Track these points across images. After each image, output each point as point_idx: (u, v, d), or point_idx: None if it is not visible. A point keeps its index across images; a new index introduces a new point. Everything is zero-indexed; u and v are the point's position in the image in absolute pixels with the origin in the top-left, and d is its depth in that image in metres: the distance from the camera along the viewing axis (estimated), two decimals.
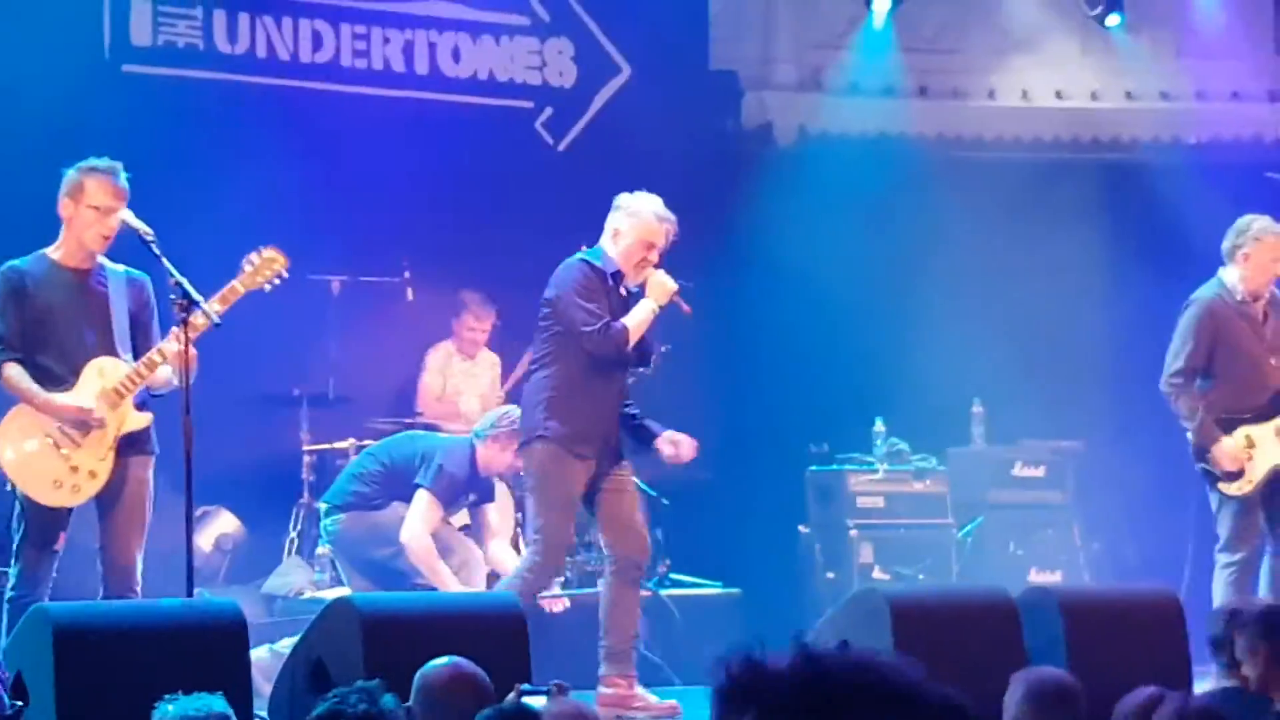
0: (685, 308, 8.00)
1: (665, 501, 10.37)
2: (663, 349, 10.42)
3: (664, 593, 9.74)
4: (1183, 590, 8.55)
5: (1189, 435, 8.76)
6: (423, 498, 9.10)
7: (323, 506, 9.34)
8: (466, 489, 9.30)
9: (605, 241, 8.02)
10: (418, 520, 9.07)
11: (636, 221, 7.94)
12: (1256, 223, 8.76)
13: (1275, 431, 8.69)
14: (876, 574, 10.53)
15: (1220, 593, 8.61)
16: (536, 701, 4.55)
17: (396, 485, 9.19)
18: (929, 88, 12.72)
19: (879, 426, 11.02)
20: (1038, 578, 10.76)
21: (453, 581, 8.98)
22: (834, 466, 11.00)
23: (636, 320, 7.87)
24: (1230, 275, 8.79)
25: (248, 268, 7.35)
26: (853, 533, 10.69)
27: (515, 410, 9.17)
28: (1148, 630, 7.12)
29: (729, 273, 11.40)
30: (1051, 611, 7.06)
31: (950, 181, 12.08)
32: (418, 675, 4.83)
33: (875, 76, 12.37)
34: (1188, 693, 5.27)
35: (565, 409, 7.80)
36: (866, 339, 11.33)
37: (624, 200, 8.04)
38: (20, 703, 5.68)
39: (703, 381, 11.32)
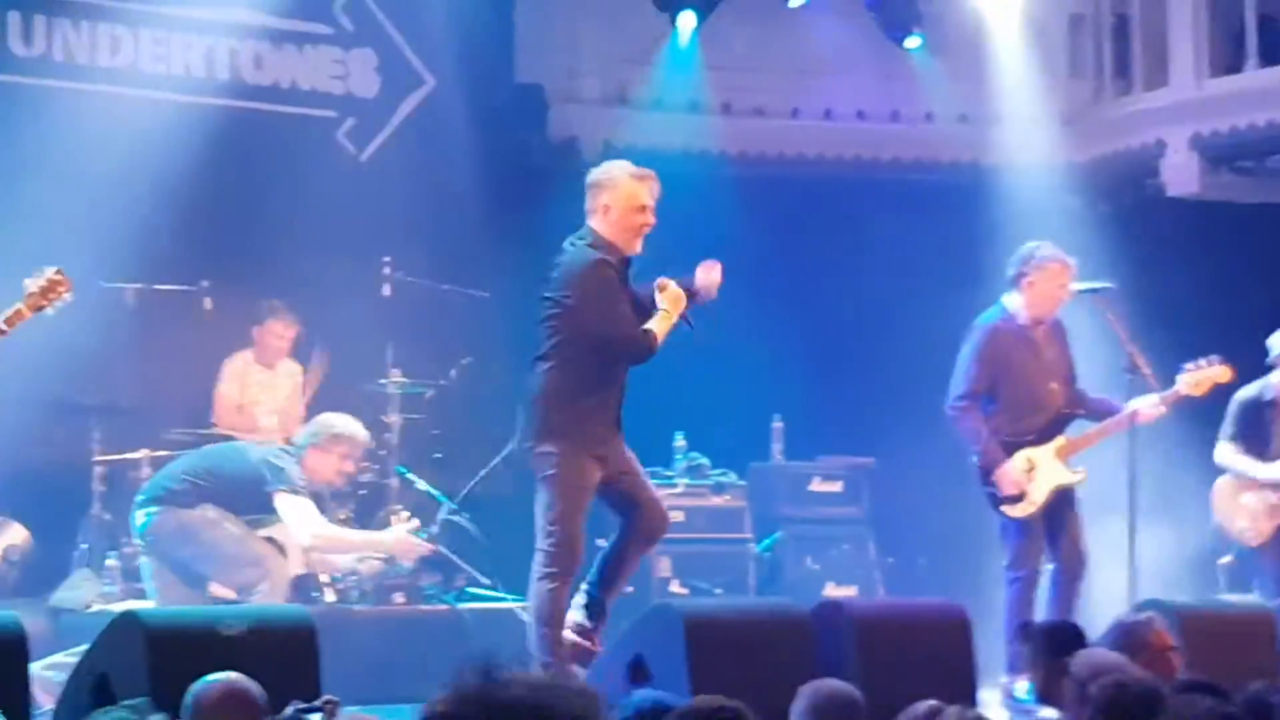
0: (688, 322, 8.06)
1: (465, 515, 10.34)
2: (464, 361, 10.45)
3: (461, 606, 9.70)
4: (971, 605, 8.67)
5: (973, 458, 8.90)
6: (287, 498, 8.84)
7: (139, 499, 9.09)
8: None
9: (595, 222, 7.78)
10: (300, 517, 8.84)
11: (617, 190, 7.73)
12: (1040, 250, 8.91)
13: (1055, 453, 8.86)
14: (675, 588, 10.58)
15: (1007, 608, 8.78)
16: (312, 719, 4.51)
17: (218, 492, 8.94)
18: (733, 105, 12.83)
19: (679, 441, 11.08)
20: (834, 592, 10.88)
21: (360, 536, 8.82)
22: None
23: (661, 327, 7.82)
24: (1014, 301, 8.93)
25: (33, 289, 7.17)
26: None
27: (333, 417, 9.08)
28: (936, 644, 7.21)
29: (532, 284, 11.37)
30: (844, 625, 7.13)
31: (753, 198, 12.19)
32: (189, 693, 4.76)
33: (680, 93, 12.45)
34: (968, 705, 5.35)
35: (580, 410, 7.67)
36: (667, 353, 11.33)
37: (595, 175, 7.85)
38: None
39: (504, 395, 11.28)
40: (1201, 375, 8.97)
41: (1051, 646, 5.96)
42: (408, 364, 10.42)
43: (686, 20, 12.07)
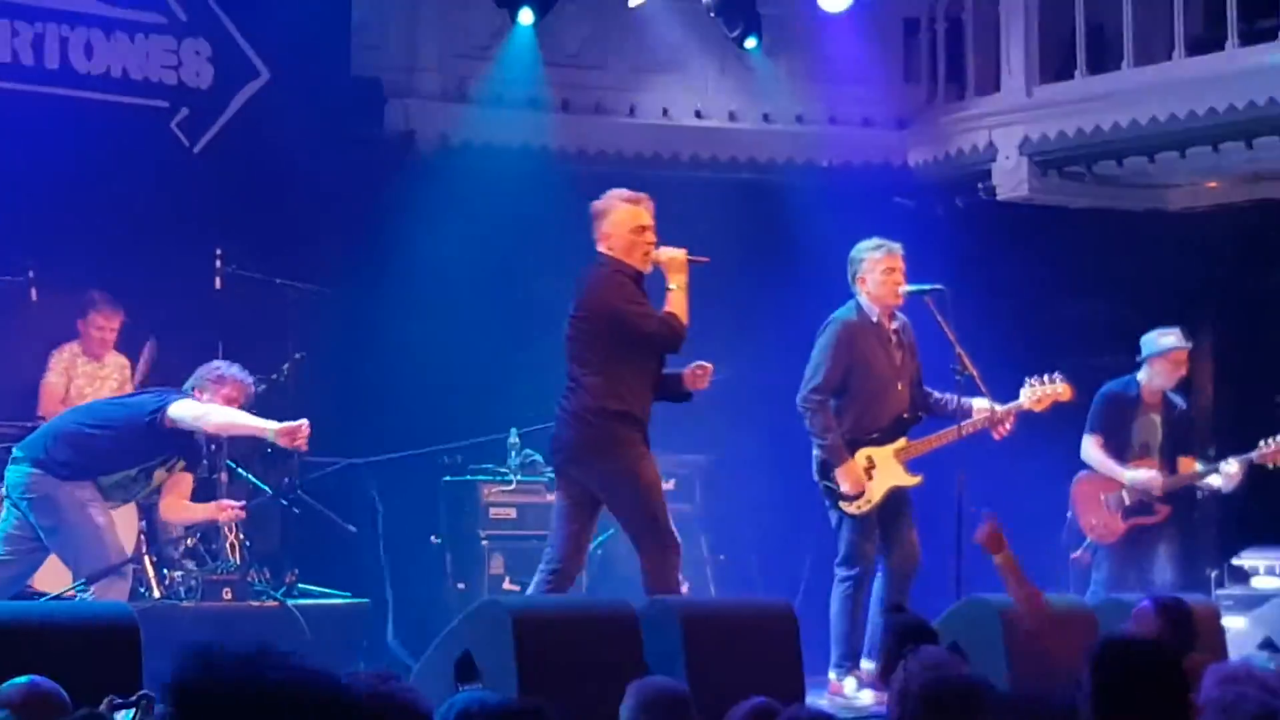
0: (702, 259, 8.31)
1: (295, 510, 10.26)
2: (297, 356, 10.37)
3: (292, 603, 9.62)
4: (798, 602, 8.76)
5: (816, 452, 8.98)
6: (180, 404, 8.55)
7: (17, 453, 8.77)
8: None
9: (603, 248, 8.19)
10: (199, 410, 8.56)
11: (613, 216, 8.15)
12: (861, 246, 9.09)
13: (894, 454, 8.98)
14: (507, 585, 10.56)
15: (836, 606, 8.87)
16: (125, 714, 4.47)
17: (102, 454, 8.65)
18: (571, 102, 12.82)
19: (514, 438, 11.07)
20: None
21: (253, 421, 8.68)
22: (467, 477, 11.01)
23: (678, 305, 8.11)
24: (860, 299, 9.08)
25: None
26: (484, 543, 10.72)
27: (220, 362, 8.93)
28: (763, 641, 7.27)
29: (367, 280, 11.35)
30: (672, 623, 7.16)
31: (591, 196, 12.14)
32: None
33: (518, 89, 12.42)
34: (795, 702, 5.41)
35: (629, 410, 8.08)
36: (503, 350, 11.37)
37: (594, 207, 8.29)
38: None
39: (337, 389, 11.23)
40: (1043, 392, 9.14)
41: (902, 637, 6.04)
42: (239, 358, 10.28)
43: (525, 16, 12.05)
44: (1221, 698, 4.37)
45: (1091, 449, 10.26)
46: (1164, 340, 10.25)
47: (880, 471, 8.94)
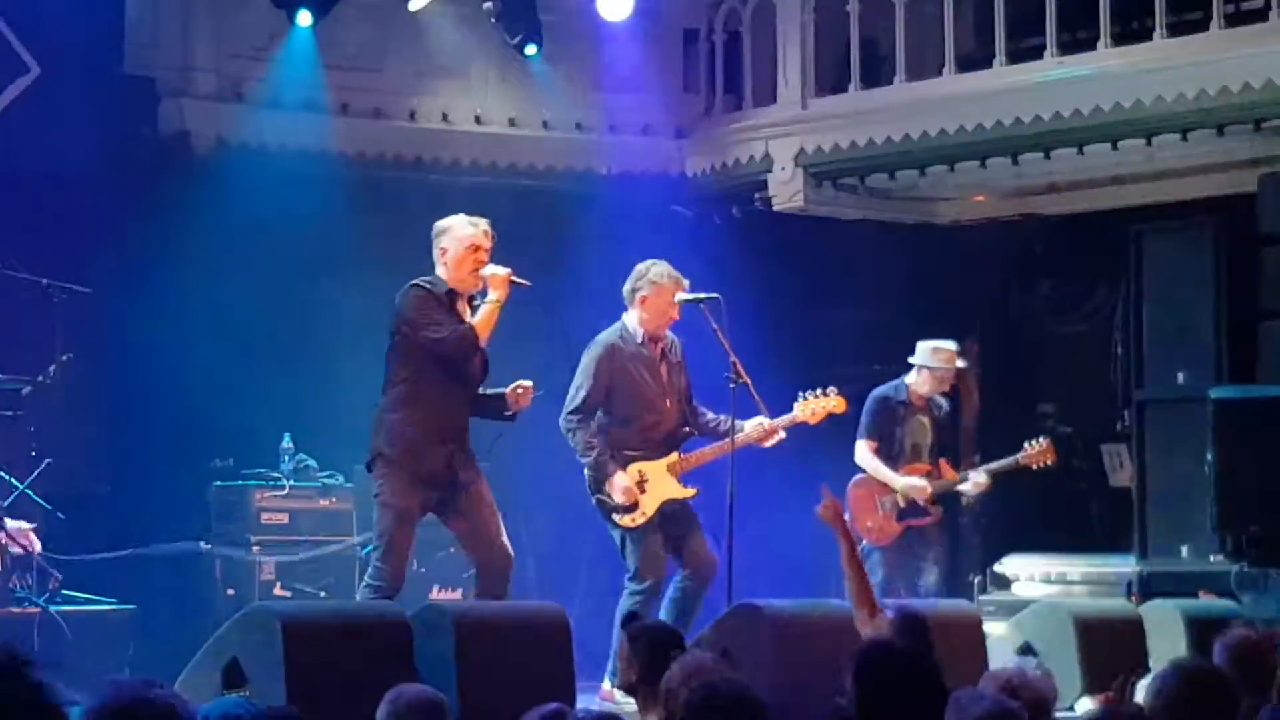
0: (523, 282, 8.50)
1: (60, 515, 10.06)
2: (64, 358, 10.17)
3: (55, 609, 9.43)
4: (575, 607, 8.80)
5: (586, 470, 9.03)
6: None
7: None
8: None
9: (437, 268, 8.45)
10: None
11: (451, 235, 8.43)
12: (654, 268, 9.13)
13: (666, 468, 9.06)
14: (278, 591, 10.47)
15: (622, 618, 8.89)
16: None
17: None
18: (351, 105, 12.74)
19: (287, 443, 10.98)
20: (439, 595, 10.90)
21: None
22: (238, 482, 10.89)
23: (480, 317, 8.32)
24: (630, 318, 9.13)
25: None
26: (255, 549, 10.61)
27: None
28: (536, 648, 7.29)
29: (138, 281, 11.16)
30: (444, 628, 7.14)
31: (369, 199, 12.14)
32: None
33: (296, 91, 12.30)
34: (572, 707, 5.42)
35: (408, 428, 8.23)
36: (277, 354, 11.27)
37: (436, 226, 8.56)
38: None
39: (105, 392, 11.04)
40: (818, 405, 9.28)
41: (654, 646, 6.07)
42: (4, 359, 10.09)
43: (304, 18, 11.94)
44: (957, 698, 4.47)
45: (864, 453, 10.49)
46: (937, 356, 10.53)
47: (653, 485, 9.02)
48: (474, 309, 8.44)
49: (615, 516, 8.96)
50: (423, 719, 4.66)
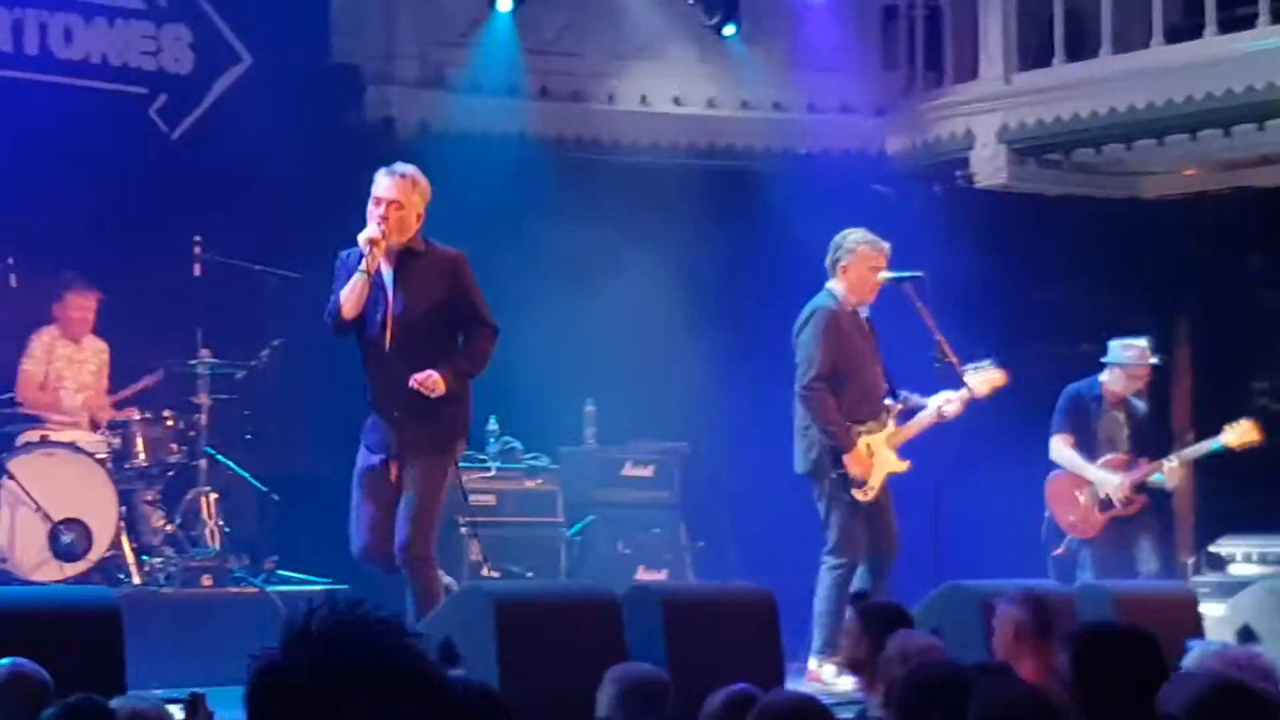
0: (377, 238, 7.89)
1: (275, 497, 10.27)
2: (275, 343, 10.36)
3: (271, 589, 9.63)
4: (777, 588, 8.78)
5: (826, 440, 8.95)
6: None
7: None
8: None
9: None
10: None
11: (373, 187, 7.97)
12: (852, 235, 9.10)
13: (887, 440, 9.02)
14: (486, 571, 10.56)
15: (822, 593, 8.89)
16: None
17: None
18: (550, 89, 12.82)
19: (492, 425, 11.08)
20: (644, 576, 10.96)
21: None
22: None
23: (345, 291, 7.89)
24: (837, 287, 9.10)
25: None
26: (462, 530, 10.72)
27: None
28: (744, 628, 7.31)
29: None
30: (653, 609, 7.19)
31: (569, 183, 12.21)
32: None
33: (497, 76, 12.41)
34: (775, 688, 5.43)
35: (369, 399, 8.06)
36: None
37: None
38: None
39: (316, 376, 11.21)
40: (982, 378, 9.18)
41: (877, 623, 6.06)
42: (218, 344, 10.31)
43: (504, 3, 12.05)
44: (1181, 675, 4.41)
45: (1059, 447, 10.33)
46: (1127, 353, 10.37)
47: (878, 459, 8.99)
48: (407, 264, 7.97)
49: (854, 491, 8.91)
50: (647, 698, 4.69)
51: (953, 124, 12.92)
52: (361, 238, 7.82)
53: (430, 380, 7.77)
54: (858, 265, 9.04)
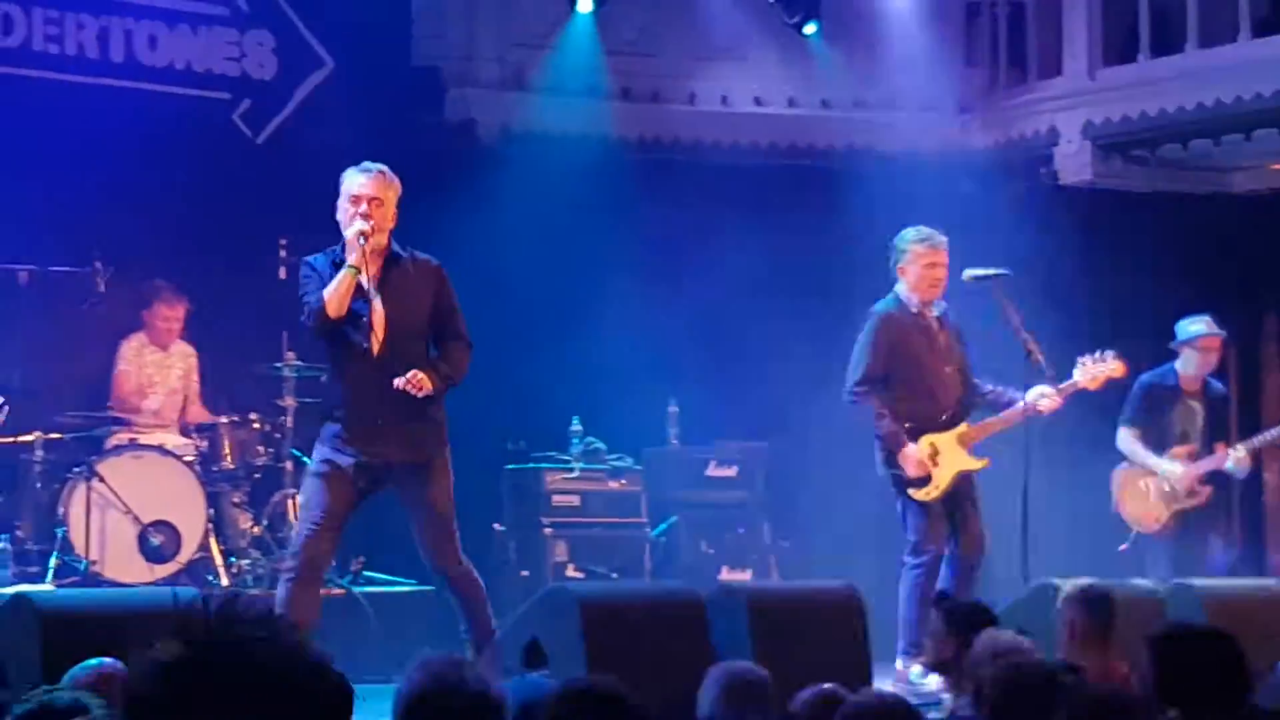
0: (366, 230, 7.41)
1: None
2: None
3: (358, 590, 9.68)
4: (865, 589, 8.75)
5: (878, 441, 8.97)
6: None
7: None
8: None
9: None
10: None
11: (342, 190, 7.63)
12: (906, 235, 9.10)
13: (957, 439, 8.97)
14: (570, 572, 10.60)
15: (904, 593, 8.86)
16: None
17: None
18: (631, 90, 12.83)
19: (576, 425, 11.10)
20: (729, 576, 10.94)
21: None
22: (530, 465, 11.05)
23: (331, 287, 7.42)
24: (901, 289, 9.08)
25: None
26: (547, 531, 10.75)
27: None
28: (830, 627, 7.29)
29: None
30: (738, 609, 7.18)
31: (650, 183, 12.21)
32: (66, 676, 4.79)
33: (577, 77, 12.43)
34: (864, 688, 5.41)
35: (332, 408, 7.61)
36: (565, 338, 11.40)
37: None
38: None
39: None
40: (1097, 369, 9.12)
41: (962, 623, 6.04)
42: (303, 347, 10.36)
43: (584, 4, 12.07)
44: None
45: (1124, 439, 10.22)
46: (1192, 327, 10.24)
47: (945, 457, 8.93)
48: (388, 269, 7.54)
49: (910, 490, 8.89)
50: (753, 695, 4.68)
51: (1037, 121, 12.85)
52: (351, 232, 7.40)
53: (416, 378, 7.37)
54: (913, 264, 9.03)
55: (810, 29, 12.45)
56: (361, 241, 7.37)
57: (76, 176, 10.30)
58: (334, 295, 7.37)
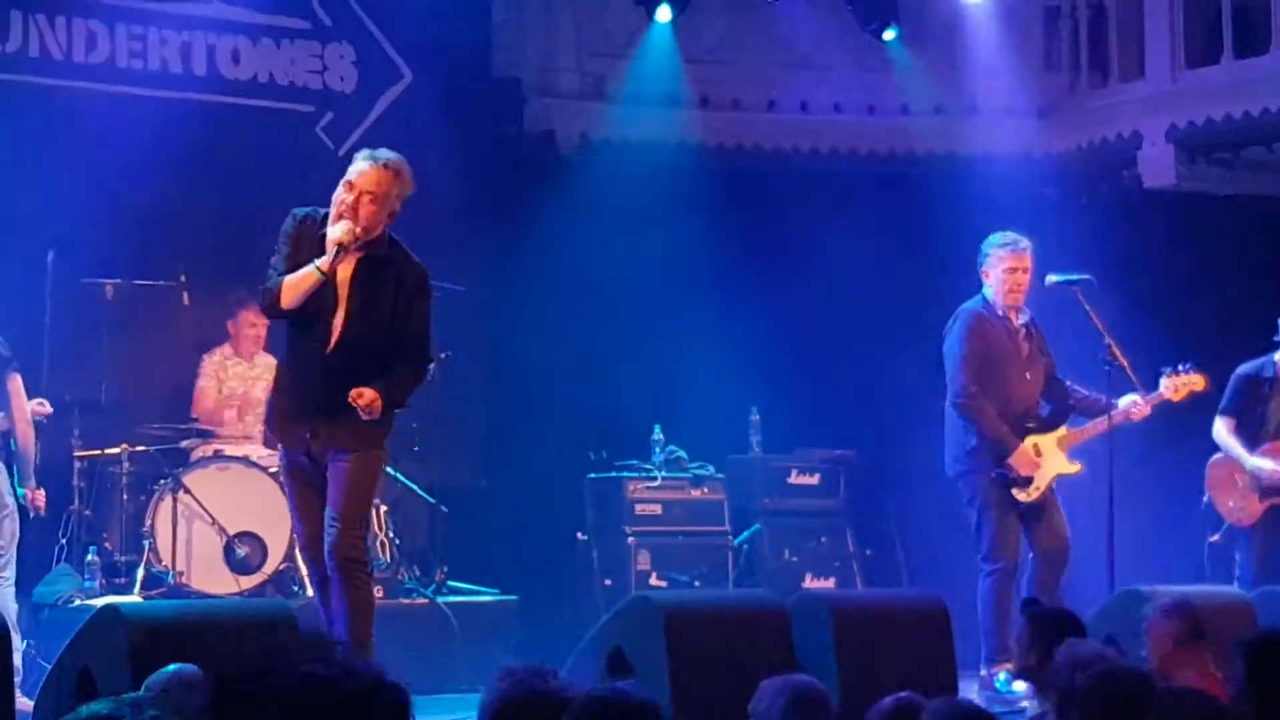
0: (344, 241, 6.92)
1: (444, 508, 10.36)
2: (443, 355, 10.44)
3: (442, 601, 9.72)
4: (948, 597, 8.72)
5: (984, 441, 8.89)
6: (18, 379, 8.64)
7: None
8: None
9: None
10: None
11: (350, 169, 7.18)
12: (990, 239, 9.10)
13: (1057, 442, 8.94)
14: (654, 581, 10.60)
15: (983, 600, 8.82)
16: None
17: None
18: (710, 98, 12.83)
19: (658, 434, 11.10)
20: (812, 584, 10.92)
21: None
22: (612, 473, 11.06)
23: (294, 278, 6.96)
24: (987, 292, 9.07)
25: None
26: (630, 540, 10.76)
27: None
28: (915, 635, 7.25)
29: (509, 279, 11.42)
30: (822, 618, 7.15)
31: (730, 191, 12.21)
32: (144, 683, 4.85)
33: (657, 85, 12.45)
34: (948, 695, 5.38)
35: (273, 395, 7.34)
36: (646, 346, 11.41)
37: None
38: None
39: (482, 388, 11.33)
40: (1179, 382, 9.09)
41: (1048, 630, 6.00)
42: None
43: (663, 13, 12.09)
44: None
45: (1220, 431, 10.10)
46: None
47: (1046, 459, 8.92)
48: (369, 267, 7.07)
49: (1015, 491, 8.85)
50: (819, 709, 4.66)
51: (1119, 124, 12.74)
52: (330, 237, 6.91)
53: (373, 404, 6.86)
54: (995, 268, 9.02)
55: (889, 35, 12.43)
56: (336, 251, 6.91)
57: (161, 190, 10.38)
58: (293, 290, 6.95)
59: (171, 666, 4.98)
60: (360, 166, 7.11)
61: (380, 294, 7.06)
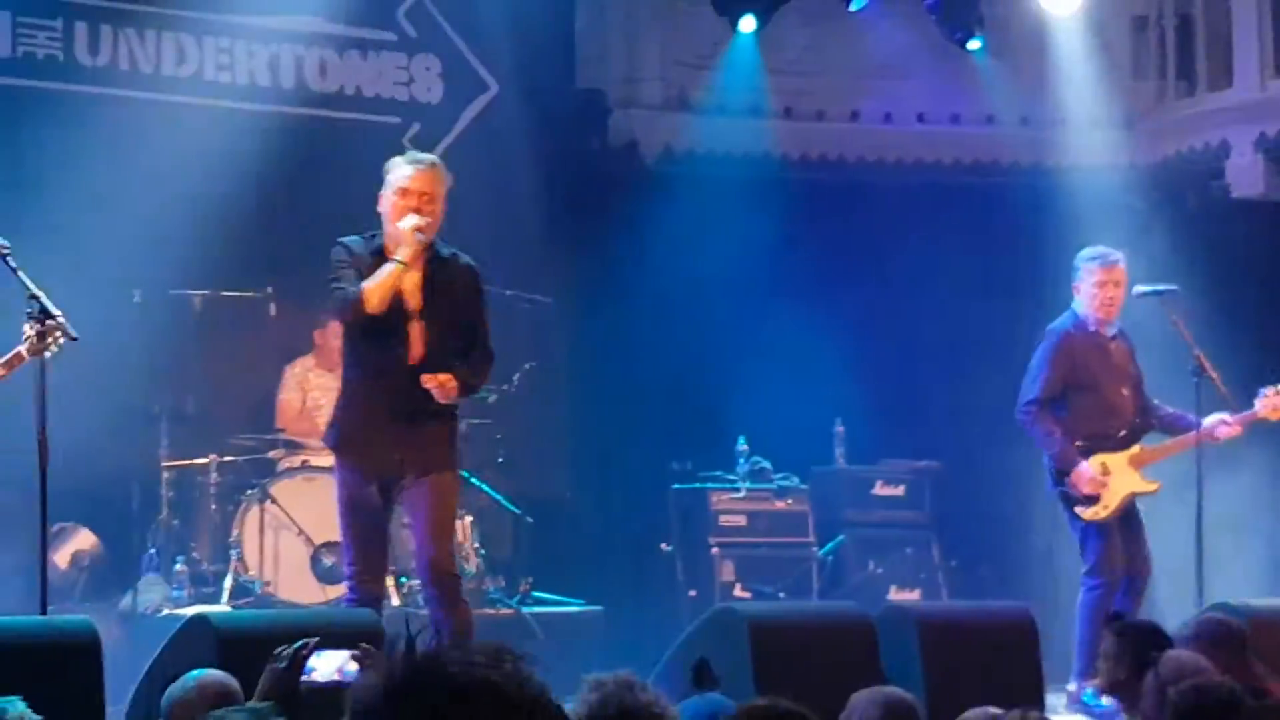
0: (419, 233, 7.07)
1: (529, 519, 10.38)
2: (527, 366, 10.48)
3: (527, 611, 9.74)
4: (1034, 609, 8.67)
5: (1047, 459, 8.90)
6: None
7: None
8: None
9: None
10: None
11: (388, 177, 7.25)
12: (1082, 253, 9.04)
13: (1129, 461, 8.87)
14: (738, 592, 10.60)
15: (1082, 614, 8.76)
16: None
17: None
18: (794, 109, 12.82)
19: (742, 445, 11.10)
20: (897, 596, 10.88)
21: None
22: (697, 484, 11.06)
23: (375, 279, 7.02)
24: (1078, 306, 9.00)
25: (30, 334, 6.65)
26: (714, 550, 10.76)
27: None
28: (1002, 649, 7.21)
29: (593, 290, 11.45)
30: (909, 630, 7.13)
31: (814, 202, 12.19)
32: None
33: (740, 96, 12.45)
34: (1038, 711, 5.34)
35: (341, 413, 7.32)
36: (730, 357, 11.40)
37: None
38: None
39: (566, 399, 11.35)
40: (1278, 400, 8.96)
41: (1136, 645, 5.96)
42: None
43: (747, 24, 12.08)
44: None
45: None
46: None
47: (1116, 477, 8.84)
48: (434, 267, 7.17)
49: (1078, 509, 8.80)
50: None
51: (1207, 134, 12.64)
52: (406, 226, 7.00)
53: (449, 385, 6.97)
54: (1086, 281, 8.96)
55: (974, 45, 12.36)
56: (419, 238, 7.02)
57: (248, 202, 10.44)
58: (377, 289, 6.98)
59: (198, 671, 5.03)
60: (407, 172, 7.19)
61: (448, 296, 7.19)
